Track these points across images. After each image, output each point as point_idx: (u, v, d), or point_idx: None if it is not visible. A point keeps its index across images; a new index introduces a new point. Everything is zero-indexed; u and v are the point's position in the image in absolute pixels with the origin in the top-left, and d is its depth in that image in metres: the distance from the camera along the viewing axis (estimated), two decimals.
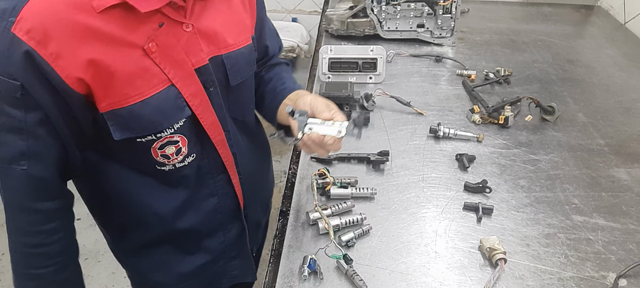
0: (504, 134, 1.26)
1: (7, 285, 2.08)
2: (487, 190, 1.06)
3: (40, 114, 0.73)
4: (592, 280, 0.88)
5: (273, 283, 0.86)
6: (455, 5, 1.66)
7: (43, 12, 0.67)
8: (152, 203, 0.92)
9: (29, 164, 0.76)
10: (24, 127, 0.73)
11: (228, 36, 0.87)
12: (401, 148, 1.20)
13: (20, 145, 0.74)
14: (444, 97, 1.42)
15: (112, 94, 0.75)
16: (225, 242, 1.05)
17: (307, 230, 0.96)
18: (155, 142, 0.82)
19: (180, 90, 0.80)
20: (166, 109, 0.80)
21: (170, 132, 0.82)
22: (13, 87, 0.69)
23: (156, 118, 0.79)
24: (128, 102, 0.76)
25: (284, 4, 3.10)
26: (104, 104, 0.75)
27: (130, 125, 0.78)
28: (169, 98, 0.79)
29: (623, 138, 1.27)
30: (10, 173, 0.76)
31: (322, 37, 1.77)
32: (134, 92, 0.76)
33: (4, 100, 0.71)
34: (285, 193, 1.06)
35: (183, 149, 0.86)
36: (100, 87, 0.73)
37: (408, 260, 0.91)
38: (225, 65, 0.87)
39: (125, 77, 0.74)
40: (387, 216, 1.00)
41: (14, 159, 0.75)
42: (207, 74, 0.84)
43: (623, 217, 1.02)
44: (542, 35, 1.85)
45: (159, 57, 0.76)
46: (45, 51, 0.68)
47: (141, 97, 0.76)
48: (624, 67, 1.63)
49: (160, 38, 0.76)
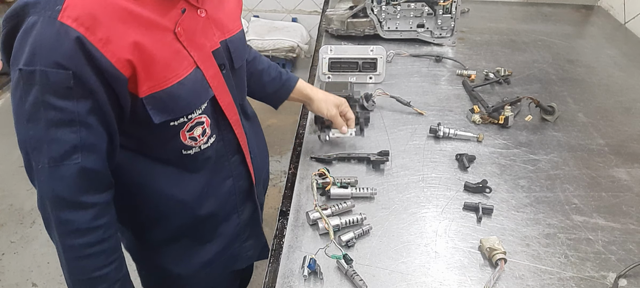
0: (504, 134, 1.26)
1: (7, 285, 2.08)
2: (487, 190, 1.06)
3: (91, 102, 0.73)
4: (592, 280, 0.88)
5: (273, 283, 0.86)
6: (455, 5, 1.66)
7: (89, 0, 0.69)
8: (176, 192, 0.94)
9: (82, 157, 0.75)
10: (76, 118, 0.73)
11: (228, 21, 0.93)
12: (401, 148, 1.20)
13: (72, 138, 0.73)
14: (444, 97, 1.42)
15: (153, 77, 0.77)
16: (240, 224, 1.08)
17: (307, 230, 0.96)
18: (185, 124, 0.86)
19: (203, 72, 0.85)
20: (197, 90, 0.84)
21: (199, 112, 0.87)
22: (64, 77, 0.69)
23: (191, 98, 0.84)
24: (167, 83, 0.79)
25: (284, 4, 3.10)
26: (145, 87, 0.77)
27: (169, 106, 0.81)
28: (197, 79, 0.84)
29: (623, 138, 1.27)
30: (63, 171, 0.74)
31: (322, 37, 1.77)
32: (171, 74, 0.79)
33: (54, 93, 0.70)
34: (285, 193, 1.06)
35: (207, 130, 0.90)
36: (144, 70, 0.76)
37: (408, 260, 0.91)
38: (229, 49, 0.92)
39: (163, 60, 0.78)
40: (387, 216, 1.00)
41: (66, 154, 0.74)
42: (220, 56, 0.89)
43: (623, 217, 1.02)
44: (542, 35, 1.85)
45: (186, 41, 0.81)
46: (95, 37, 0.69)
47: (177, 78, 0.80)
48: (624, 67, 1.63)
49: (185, 22, 0.81)
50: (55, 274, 2.11)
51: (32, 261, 2.16)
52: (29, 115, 0.72)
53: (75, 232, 0.79)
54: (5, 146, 2.80)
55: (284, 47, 2.90)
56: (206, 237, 1.04)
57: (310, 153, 1.17)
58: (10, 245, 2.24)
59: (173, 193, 0.93)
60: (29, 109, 0.71)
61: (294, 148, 1.21)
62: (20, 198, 2.47)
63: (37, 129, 0.72)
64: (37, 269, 2.12)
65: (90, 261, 0.81)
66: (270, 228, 2.32)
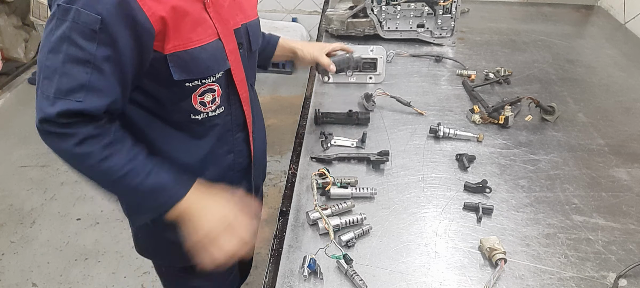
0: (504, 134, 1.26)
1: (7, 285, 2.08)
2: (487, 190, 1.06)
3: (111, 50, 0.78)
4: (592, 280, 0.88)
5: (273, 283, 0.86)
6: (455, 5, 1.66)
7: None
8: (181, 155, 0.99)
9: (85, 97, 0.79)
10: (91, 60, 0.78)
11: (247, 7, 1.01)
12: (401, 148, 1.20)
13: (82, 77, 0.78)
14: (444, 97, 1.42)
15: (179, 36, 0.84)
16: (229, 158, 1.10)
17: (307, 230, 0.96)
18: (199, 88, 0.91)
19: (224, 44, 0.91)
20: (216, 57, 0.91)
21: (213, 79, 0.92)
22: (93, 19, 0.75)
23: (210, 63, 0.90)
24: (191, 45, 0.86)
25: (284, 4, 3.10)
26: (170, 45, 0.83)
27: (190, 66, 0.87)
28: (218, 48, 0.91)
29: (623, 138, 1.27)
30: (61, 104, 0.78)
31: (322, 37, 1.77)
32: (196, 38, 0.86)
33: (79, 32, 0.76)
34: (285, 193, 1.06)
35: (217, 99, 0.96)
36: (172, 28, 0.82)
37: (408, 260, 0.91)
38: (249, 32, 1.00)
39: (191, 23, 0.85)
40: (387, 216, 1.00)
41: (72, 90, 0.78)
42: (239, 36, 0.96)
43: (623, 217, 1.02)
44: (542, 35, 1.85)
45: (213, 13, 0.89)
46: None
47: (201, 42, 0.87)
48: (624, 67, 1.63)
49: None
50: (55, 274, 2.11)
51: (32, 261, 2.16)
52: (52, 47, 0.77)
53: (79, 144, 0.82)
54: (5, 146, 2.80)
55: None
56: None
57: (310, 153, 1.17)
58: (10, 245, 2.24)
59: (178, 155, 0.98)
60: (54, 40, 0.77)
61: (294, 148, 1.21)
62: (20, 198, 2.47)
63: (55, 60, 0.77)
64: (37, 269, 2.13)
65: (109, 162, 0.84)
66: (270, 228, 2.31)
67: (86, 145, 0.82)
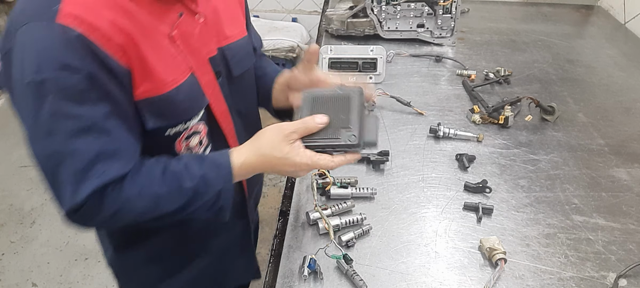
0: (504, 134, 1.26)
1: (7, 285, 2.08)
2: (487, 190, 1.06)
3: (109, 104, 0.69)
4: (592, 280, 0.88)
5: (273, 283, 0.86)
6: (455, 5, 1.66)
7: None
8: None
9: (106, 167, 0.70)
10: (94, 125, 0.68)
11: (226, 28, 0.89)
12: (401, 148, 1.20)
13: (93, 147, 0.69)
14: (444, 97, 1.42)
15: (149, 80, 0.73)
16: (229, 241, 1.05)
17: (307, 230, 0.96)
18: (182, 133, 0.82)
19: (198, 78, 0.82)
20: (193, 96, 0.81)
21: (197, 120, 0.83)
22: (77, 80, 0.65)
23: (188, 104, 0.80)
24: (165, 88, 0.75)
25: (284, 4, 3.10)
26: (140, 90, 0.73)
27: (165, 112, 0.77)
28: (193, 85, 0.81)
29: (623, 138, 1.27)
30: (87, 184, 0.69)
31: (322, 37, 1.77)
32: (169, 79, 0.76)
33: (68, 99, 0.66)
34: (285, 193, 1.06)
35: (204, 140, 0.87)
36: (139, 70, 0.72)
37: (408, 260, 0.91)
38: (226, 57, 0.89)
39: (160, 64, 0.74)
40: (387, 216, 1.00)
41: (89, 166, 0.69)
42: (216, 63, 0.86)
43: (623, 217, 1.02)
44: (542, 35, 1.85)
45: (182, 46, 0.78)
46: (96, 34, 0.66)
47: (175, 83, 0.77)
48: (624, 67, 1.63)
49: (181, 27, 0.78)
50: (55, 274, 2.11)
51: (32, 261, 2.16)
52: (46, 130, 0.67)
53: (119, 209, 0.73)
54: (5, 146, 2.80)
55: (284, 47, 2.90)
56: (194, 252, 1.01)
57: None
58: (10, 245, 2.24)
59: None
60: (44, 122, 0.66)
61: None
62: (20, 198, 2.47)
63: (55, 143, 0.67)
64: (37, 269, 2.13)
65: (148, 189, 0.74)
66: (270, 228, 2.31)
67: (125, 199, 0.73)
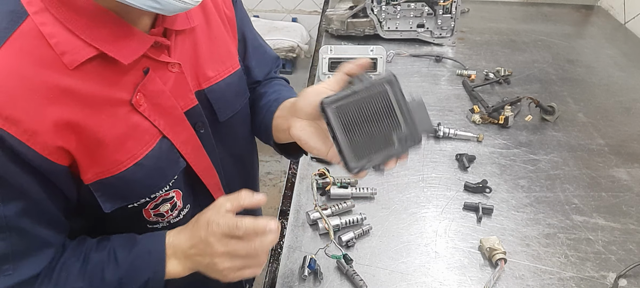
0: (504, 134, 1.26)
1: None
2: (487, 190, 1.06)
3: (22, 203, 0.59)
4: (592, 280, 0.88)
5: (273, 283, 0.86)
6: (455, 5, 1.66)
7: (7, 81, 0.54)
8: None
9: (14, 267, 0.61)
10: (4, 224, 0.59)
11: (208, 67, 0.76)
12: None
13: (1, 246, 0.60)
14: (444, 97, 1.42)
15: (100, 163, 0.63)
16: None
17: (307, 230, 0.96)
18: (149, 203, 0.71)
19: (172, 140, 0.70)
20: (161, 166, 0.69)
21: (166, 189, 0.71)
22: None
23: (151, 179, 0.69)
24: (119, 168, 0.64)
25: (284, 4, 3.10)
26: (90, 174, 0.63)
27: (123, 193, 0.67)
28: (163, 152, 0.69)
29: (623, 138, 1.27)
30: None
31: (322, 37, 1.77)
32: (124, 157, 0.64)
33: None
34: (285, 193, 1.06)
35: (178, 204, 0.75)
36: (86, 156, 0.62)
37: (408, 260, 0.91)
38: (209, 100, 0.76)
39: (114, 141, 0.63)
40: (387, 216, 1.00)
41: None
42: (196, 115, 0.74)
43: (623, 217, 1.02)
44: (542, 35, 1.85)
45: (148, 109, 0.65)
46: (17, 129, 0.55)
47: (134, 160, 0.65)
48: (624, 67, 1.63)
49: (147, 87, 0.65)
50: None
51: None
52: None
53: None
54: None
55: (284, 47, 2.89)
56: None
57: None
58: None
59: None
60: None
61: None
62: None
63: None
64: None
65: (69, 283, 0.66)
66: None
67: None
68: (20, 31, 0.56)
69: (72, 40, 0.58)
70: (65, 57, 0.57)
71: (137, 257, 0.67)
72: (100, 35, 0.59)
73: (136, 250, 0.68)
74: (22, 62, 0.55)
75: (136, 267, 0.67)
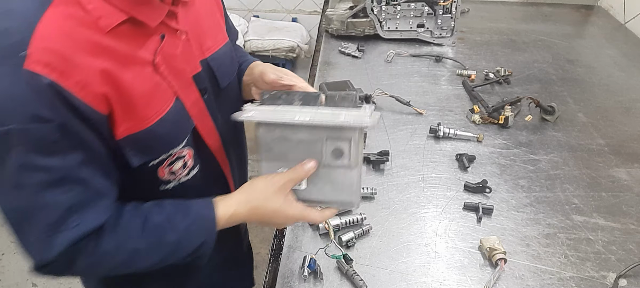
0: (504, 134, 1.26)
1: (7, 285, 2.08)
2: (487, 190, 1.06)
3: (82, 153, 0.64)
4: (592, 280, 0.88)
5: (273, 283, 0.86)
6: (455, 5, 1.66)
7: (56, 38, 0.59)
8: None
9: (80, 218, 0.65)
10: (67, 176, 0.63)
11: (209, 37, 0.84)
12: (401, 148, 1.20)
13: (65, 199, 0.63)
14: (444, 97, 1.42)
15: (131, 117, 0.68)
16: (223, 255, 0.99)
17: (307, 230, 0.96)
18: (165, 160, 0.76)
19: (183, 101, 0.76)
20: (179, 123, 0.76)
21: (181, 146, 0.78)
22: (47, 130, 0.59)
23: (171, 135, 0.75)
24: (148, 123, 0.70)
25: (284, 4, 3.10)
26: (122, 128, 0.68)
27: (150, 147, 0.73)
28: (178, 111, 0.75)
29: (623, 138, 1.27)
30: (60, 239, 0.64)
31: (322, 37, 1.77)
32: (152, 112, 0.70)
33: (38, 151, 0.60)
34: None
35: (189, 162, 0.81)
36: (121, 109, 0.67)
37: (408, 260, 0.91)
38: (212, 68, 0.83)
39: (143, 98, 0.68)
40: (387, 216, 1.00)
41: (62, 220, 0.64)
42: (201, 80, 0.80)
43: (623, 217, 1.02)
44: (542, 35, 1.85)
45: (166, 71, 0.72)
46: (70, 81, 0.60)
47: (158, 115, 0.71)
48: (624, 67, 1.63)
49: (164, 50, 0.72)
50: None
51: None
52: (14, 183, 0.61)
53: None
54: None
55: (284, 47, 2.89)
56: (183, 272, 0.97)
57: None
58: (10, 245, 2.24)
59: None
60: (11, 175, 0.61)
61: None
62: None
63: (23, 197, 0.62)
64: None
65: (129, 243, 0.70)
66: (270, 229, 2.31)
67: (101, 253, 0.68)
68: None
69: (105, 6, 0.64)
70: (101, 21, 0.63)
71: (193, 222, 0.74)
72: (128, 2, 0.66)
73: (191, 216, 0.75)
74: (66, 23, 0.61)
75: (192, 232, 0.74)
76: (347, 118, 0.69)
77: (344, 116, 0.69)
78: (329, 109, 0.71)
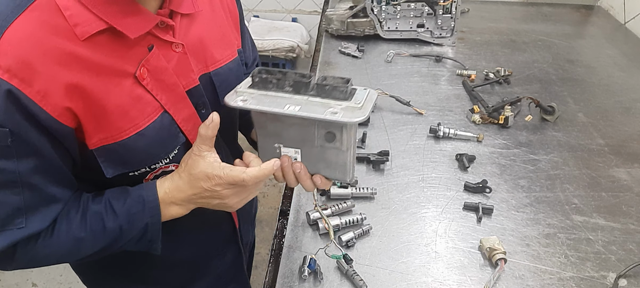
0: (504, 134, 1.26)
1: (7, 285, 2.08)
2: (487, 190, 1.06)
3: (35, 160, 0.64)
4: (592, 280, 0.88)
5: (273, 283, 0.86)
6: (455, 5, 1.66)
7: (23, 44, 0.58)
8: None
9: (27, 221, 0.66)
10: (18, 179, 0.63)
11: (215, 51, 0.81)
12: (401, 148, 1.20)
13: (14, 200, 0.64)
14: (444, 97, 1.42)
15: (104, 129, 0.67)
16: (221, 268, 1.02)
17: (307, 230, 0.96)
18: (149, 174, 0.76)
19: (173, 116, 0.74)
20: (162, 139, 0.74)
21: (166, 162, 0.76)
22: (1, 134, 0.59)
23: (152, 149, 0.73)
24: (122, 136, 0.69)
25: (284, 4, 3.10)
26: (95, 139, 0.68)
27: (125, 159, 0.71)
28: (164, 126, 0.73)
29: (623, 138, 1.27)
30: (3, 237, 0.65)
31: (322, 37, 1.77)
32: (128, 125, 0.69)
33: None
34: (285, 193, 1.06)
35: None
36: (91, 121, 0.66)
37: (408, 260, 0.91)
38: (214, 83, 0.81)
39: (118, 110, 0.67)
40: (387, 216, 1.00)
41: (8, 219, 0.65)
42: (198, 95, 0.78)
43: (623, 217, 1.02)
44: (542, 35, 1.85)
45: (151, 83, 0.70)
46: (31, 89, 0.59)
47: (136, 129, 0.70)
48: (624, 67, 1.63)
49: (150, 62, 0.70)
50: (55, 274, 2.11)
51: None
52: None
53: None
54: None
55: (284, 47, 2.89)
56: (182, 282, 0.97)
57: None
58: None
59: None
60: None
61: None
62: None
63: None
64: (37, 269, 2.12)
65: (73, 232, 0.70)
66: (270, 229, 2.32)
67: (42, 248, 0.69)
68: (38, 3, 0.60)
69: (84, 13, 0.62)
70: (77, 29, 0.62)
71: (133, 205, 0.73)
72: (111, 11, 0.64)
73: (130, 200, 0.73)
74: (37, 29, 0.59)
75: (133, 214, 0.73)
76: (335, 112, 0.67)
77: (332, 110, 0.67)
78: (319, 99, 0.69)
